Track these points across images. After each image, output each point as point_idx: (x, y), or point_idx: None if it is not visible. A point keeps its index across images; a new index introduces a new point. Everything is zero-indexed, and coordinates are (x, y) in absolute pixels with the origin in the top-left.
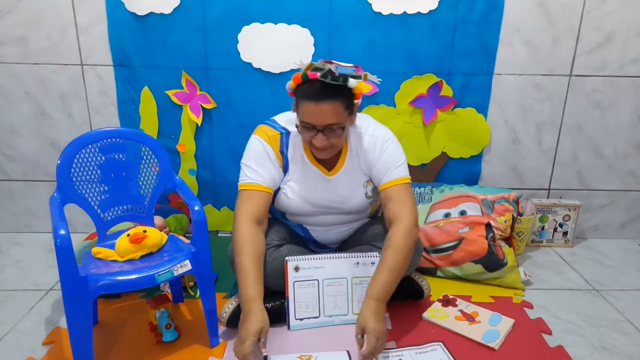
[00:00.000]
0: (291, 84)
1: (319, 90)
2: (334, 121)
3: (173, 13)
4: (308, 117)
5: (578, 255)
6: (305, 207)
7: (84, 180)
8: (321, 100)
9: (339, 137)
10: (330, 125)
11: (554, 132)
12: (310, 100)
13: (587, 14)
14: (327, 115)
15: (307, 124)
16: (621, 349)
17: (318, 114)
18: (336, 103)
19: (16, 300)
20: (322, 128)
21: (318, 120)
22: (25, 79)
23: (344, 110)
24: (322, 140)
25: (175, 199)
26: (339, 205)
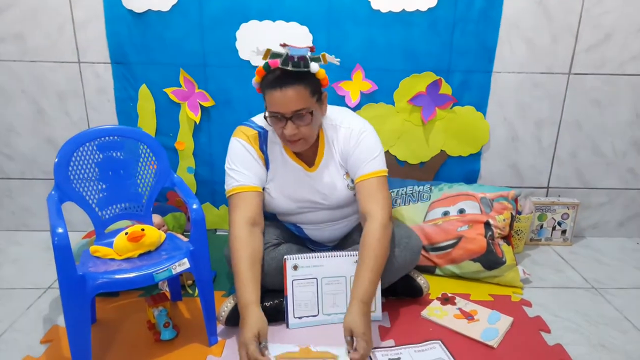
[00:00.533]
0: (256, 78)
1: (281, 77)
2: (300, 106)
3: (171, 10)
4: (275, 105)
5: (577, 253)
6: (290, 205)
7: (82, 179)
8: (285, 86)
9: (309, 125)
10: (297, 112)
11: (552, 130)
12: (274, 88)
13: (586, 12)
14: (292, 100)
15: (275, 113)
16: (619, 347)
17: (283, 100)
18: (300, 87)
19: (14, 298)
20: (290, 115)
21: (285, 107)
22: (22, 77)
23: (309, 95)
24: (292, 128)
25: (174, 197)
26: (322, 200)
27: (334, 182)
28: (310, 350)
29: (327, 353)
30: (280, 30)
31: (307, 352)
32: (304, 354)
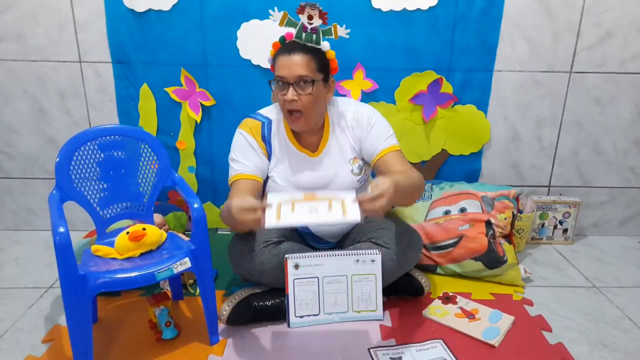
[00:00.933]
0: (271, 52)
1: (292, 45)
2: (303, 72)
3: (172, 10)
4: (280, 69)
5: (578, 252)
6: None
7: (83, 178)
8: (293, 52)
9: (309, 96)
10: (301, 78)
11: (554, 129)
12: (283, 53)
13: (587, 10)
14: (297, 66)
15: (280, 77)
16: (621, 346)
17: (289, 64)
18: (308, 57)
19: (16, 298)
20: (293, 81)
21: (289, 70)
22: (23, 76)
23: (315, 68)
24: (292, 94)
25: (175, 196)
26: (326, 186)
27: (337, 167)
28: (316, 196)
29: (333, 197)
30: (282, 30)
31: (312, 198)
32: (308, 199)
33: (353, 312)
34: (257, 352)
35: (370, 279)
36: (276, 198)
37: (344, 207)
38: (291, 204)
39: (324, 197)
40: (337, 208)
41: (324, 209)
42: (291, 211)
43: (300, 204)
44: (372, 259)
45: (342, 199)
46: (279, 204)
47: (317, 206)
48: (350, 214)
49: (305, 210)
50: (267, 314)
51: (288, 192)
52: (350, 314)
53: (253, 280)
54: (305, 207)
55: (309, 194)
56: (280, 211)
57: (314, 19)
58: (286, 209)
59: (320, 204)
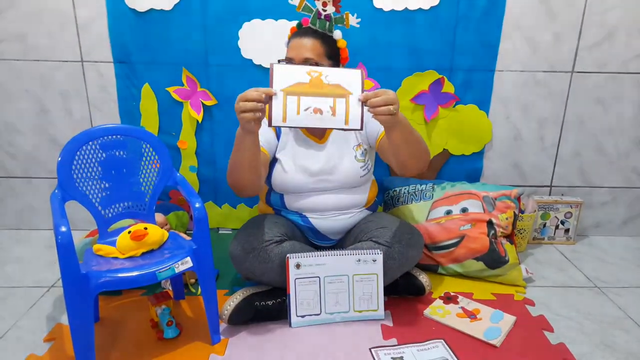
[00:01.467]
0: (288, 35)
1: (305, 30)
2: (310, 55)
3: (173, 9)
4: (290, 51)
5: (580, 252)
6: (302, 178)
7: (85, 177)
8: (305, 36)
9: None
10: (307, 60)
11: (555, 129)
12: (296, 37)
13: (589, 10)
14: (305, 48)
15: (288, 59)
16: (623, 346)
17: (299, 46)
18: (317, 42)
19: (17, 297)
20: (300, 62)
21: (297, 52)
22: (25, 76)
23: (323, 53)
24: None
25: (176, 196)
26: (331, 172)
27: (342, 153)
28: (322, 82)
29: (339, 88)
30: (283, 29)
31: (319, 85)
32: (314, 88)
33: (354, 311)
34: (259, 352)
35: (372, 279)
36: (281, 83)
37: (347, 110)
38: (297, 97)
39: (330, 86)
40: (340, 112)
41: (328, 111)
42: (296, 113)
43: (305, 99)
44: (373, 259)
45: (347, 93)
46: (284, 94)
47: (321, 105)
48: (352, 121)
49: (310, 111)
50: (269, 313)
51: (294, 67)
52: (351, 314)
53: (254, 279)
54: (310, 103)
55: (315, 75)
56: (286, 108)
57: (328, 5)
58: (292, 107)
59: (325, 101)
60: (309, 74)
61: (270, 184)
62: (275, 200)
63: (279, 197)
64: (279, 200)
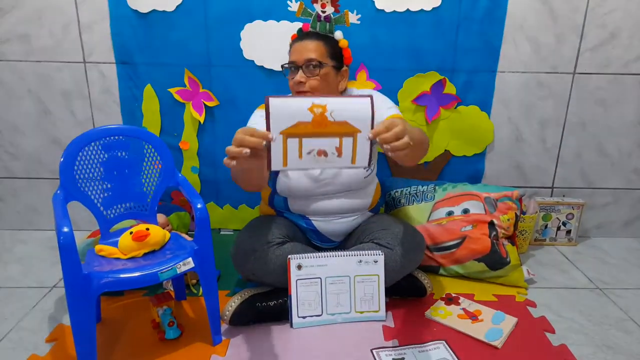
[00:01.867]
0: (290, 44)
1: (306, 33)
2: (312, 56)
3: (175, 10)
4: (292, 55)
5: (581, 253)
6: (307, 184)
7: (87, 178)
8: (306, 39)
9: (317, 79)
10: (309, 61)
11: (557, 130)
12: (297, 41)
13: (591, 11)
14: (307, 50)
15: (291, 63)
16: (624, 348)
17: (300, 49)
18: (319, 43)
19: (19, 297)
20: (302, 64)
21: (299, 55)
22: (28, 77)
23: (326, 53)
24: (300, 76)
25: (178, 196)
26: (334, 177)
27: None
28: (327, 120)
29: (346, 126)
30: (285, 30)
31: (323, 124)
32: (318, 127)
33: (356, 312)
34: (260, 353)
35: (373, 280)
36: (280, 123)
37: (354, 149)
38: (299, 139)
39: (336, 124)
40: (347, 152)
41: (333, 153)
42: (298, 157)
43: (308, 141)
44: (374, 260)
45: (355, 131)
46: (284, 137)
47: (326, 146)
48: (359, 160)
49: (313, 154)
50: (270, 314)
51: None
52: (352, 315)
53: (256, 280)
54: (313, 146)
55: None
56: (286, 152)
57: (327, 6)
58: (293, 150)
59: (330, 142)
60: (312, 111)
61: (274, 187)
62: (278, 203)
63: (283, 199)
64: (282, 203)
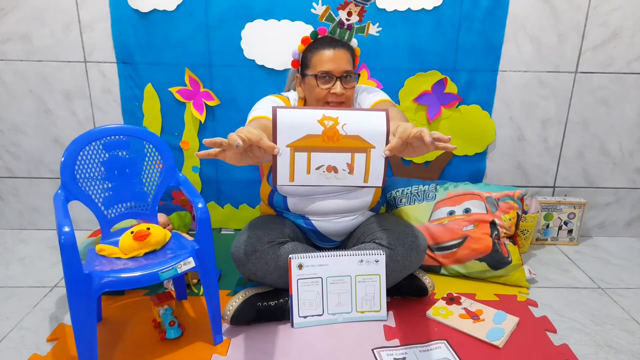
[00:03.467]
0: (300, 47)
1: (332, 40)
2: (349, 67)
3: (176, 10)
4: (327, 64)
5: (583, 253)
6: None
7: (88, 178)
8: (337, 47)
9: (352, 90)
10: (347, 72)
11: (559, 130)
12: (327, 47)
13: (593, 10)
14: (344, 60)
15: (326, 72)
16: (626, 348)
17: (336, 59)
18: (348, 53)
19: (21, 296)
20: (340, 75)
21: (337, 65)
22: (28, 76)
23: (352, 62)
24: (341, 87)
25: (179, 196)
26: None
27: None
28: (338, 134)
29: (359, 140)
30: (286, 30)
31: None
32: (329, 141)
33: (357, 312)
34: (261, 352)
35: (374, 280)
36: (288, 136)
37: (367, 166)
38: (307, 154)
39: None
40: (359, 169)
41: (344, 169)
42: (306, 172)
43: (317, 155)
44: (376, 260)
45: (369, 147)
46: (292, 150)
47: (337, 162)
48: (372, 179)
49: (323, 170)
50: (271, 314)
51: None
52: (354, 315)
53: (257, 280)
54: (323, 161)
55: (330, 123)
56: (293, 167)
57: (353, 15)
58: (301, 165)
59: (341, 158)
60: (322, 123)
61: (274, 185)
62: (278, 202)
63: (282, 199)
64: (281, 203)
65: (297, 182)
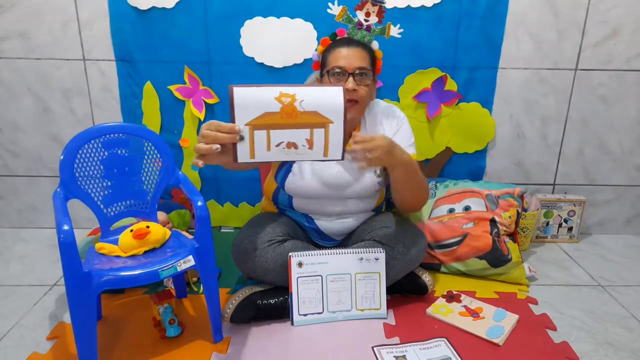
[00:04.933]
0: (319, 48)
1: (348, 39)
2: (364, 64)
3: (175, 7)
4: (339, 60)
5: (583, 250)
6: (318, 187)
7: (87, 176)
8: (352, 45)
9: (367, 88)
10: (360, 69)
11: (559, 127)
12: (342, 46)
13: (593, 7)
14: (357, 57)
15: (339, 68)
16: (626, 345)
17: (350, 55)
18: (365, 52)
19: (20, 295)
20: (353, 71)
21: (350, 61)
22: (27, 74)
23: (369, 63)
24: (353, 84)
25: (178, 194)
26: (347, 186)
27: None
28: (296, 111)
29: (317, 116)
30: (285, 27)
31: (292, 115)
32: (287, 118)
33: (357, 310)
34: (261, 350)
35: (374, 277)
36: (246, 114)
37: (327, 140)
38: (266, 132)
39: (305, 114)
40: (319, 144)
41: (304, 145)
42: (266, 149)
43: (276, 132)
44: (375, 257)
45: (327, 122)
46: (250, 129)
47: (296, 138)
48: (332, 152)
49: (283, 147)
50: (271, 312)
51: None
52: (353, 313)
53: (257, 278)
54: (282, 138)
55: (287, 101)
56: (253, 145)
57: (371, 16)
58: (261, 142)
59: (300, 134)
60: (280, 100)
61: (281, 183)
62: (282, 200)
63: (288, 197)
64: (286, 201)
65: (257, 159)
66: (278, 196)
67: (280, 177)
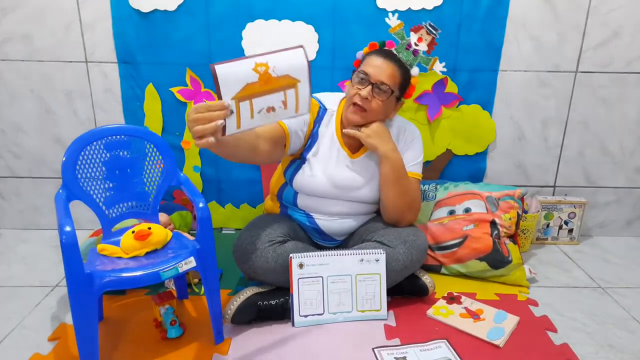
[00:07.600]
0: (366, 49)
1: (390, 53)
2: (389, 82)
3: (177, 10)
4: (369, 67)
5: (583, 252)
6: (327, 187)
7: (89, 177)
8: (389, 59)
9: (381, 103)
10: (382, 83)
11: (559, 129)
12: (379, 55)
13: (594, 10)
14: (387, 73)
15: (365, 74)
16: (627, 347)
17: (381, 67)
18: (398, 71)
19: (22, 296)
20: (375, 82)
21: (378, 72)
22: (30, 76)
23: (398, 83)
24: (368, 92)
25: (180, 195)
26: (355, 189)
27: (370, 174)
28: (271, 77)
29: (288, 78)
30: (286, 30)
31: (268, 81)
32: (265, 85)
33: (357, 311)
34: (262, 351)
35: (375, 279)
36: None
37: (297, 99)
38: (249, 102)
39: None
40: (291, 103)
41: (280, 107)
42: (250, 117)
43: (258, 100)
44: (376, 259)
45: (296, 82)
46: (237, 102)
47: (274, 102)
48: (301, 108)
49: (264, 112)
50: (272, 313)
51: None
52: (354, 314)
53: (258, 279)
54: (262, 104)
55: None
56: (240, 116)
57: (422, 42)
58: (245, 112)
59: (276, 97)
60: (256, 70)
61: (290, 178)
62: (287, 196)
63: (293, 194)
64: (291, 197)
65: (243, 128)
66: (283, 192)
67: (289, 173)
